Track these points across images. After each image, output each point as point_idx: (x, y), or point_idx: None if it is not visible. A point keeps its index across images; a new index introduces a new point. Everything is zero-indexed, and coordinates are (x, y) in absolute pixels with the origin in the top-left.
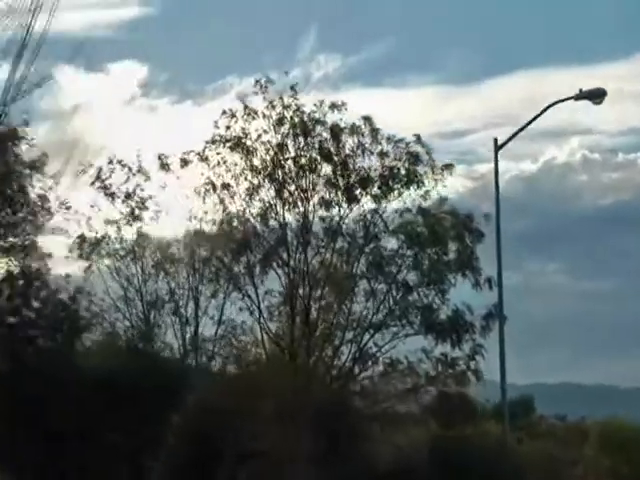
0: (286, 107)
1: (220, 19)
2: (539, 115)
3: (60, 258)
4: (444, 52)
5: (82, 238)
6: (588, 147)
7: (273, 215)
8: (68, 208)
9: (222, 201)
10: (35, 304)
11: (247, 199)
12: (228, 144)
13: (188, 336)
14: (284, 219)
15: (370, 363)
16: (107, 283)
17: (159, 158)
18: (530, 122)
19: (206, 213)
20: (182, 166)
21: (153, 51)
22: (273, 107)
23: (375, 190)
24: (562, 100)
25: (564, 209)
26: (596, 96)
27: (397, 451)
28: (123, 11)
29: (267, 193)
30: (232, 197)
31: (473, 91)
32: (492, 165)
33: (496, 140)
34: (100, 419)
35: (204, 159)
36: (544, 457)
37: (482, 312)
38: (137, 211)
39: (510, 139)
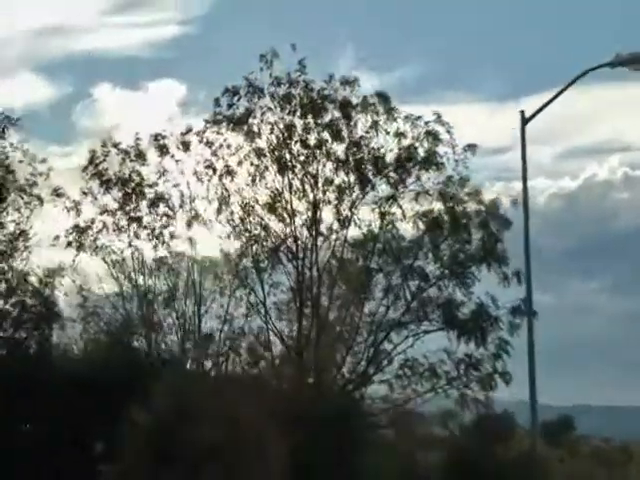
0: (293, 83)
1: (257, 38)
2: (570, 84)
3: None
4: (482, 69)
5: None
6: (629, 164)
7: (282, 204)
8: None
9: (224, 187)
10: None
11: (252, 184)
12: (230, 124)
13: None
14: (292, 208)
15: (386, 363)
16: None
17: (156, 139)
18: (561, 92)
19: (209, 202)
20: (181, 148)
21: (192, 70)
22: (279, 84)
23: (390, 173)
24: (595, 67)
25: (604, 227)
26: (634, 62)
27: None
28: (163, 30)
29: (274, 179)
30: (232, 179)
31: (513, 109)
32: (532, 182)
33: (523, 112)
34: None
35: (205, 141)
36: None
37: (509, 305)
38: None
39: (538, 112)
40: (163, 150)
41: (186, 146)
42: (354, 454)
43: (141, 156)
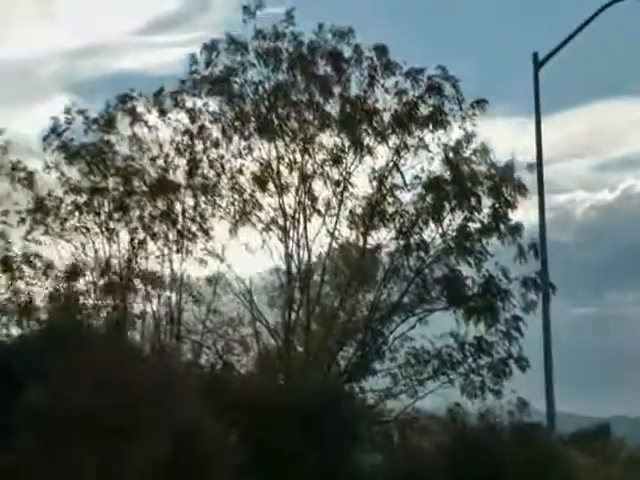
0: (280, 37)
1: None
2: (591, 20)
3: None
4: (518, 83)
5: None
6: None
7: (272, 177)
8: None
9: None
10: None
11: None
12: (208, 85)
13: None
14: (280, 181)
15: (386, 351)
16: None
17: (122, 100)
18: (576, 33)
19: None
20: (152, 111)
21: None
22: (264, 38)
23: (389, 134)
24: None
25: None
26: None
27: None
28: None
29: (261, 147)
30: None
31: (549, 122)
32: (570, 195)
33: (536, 55)
34: None
35: (180, 104)
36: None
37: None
38: None
39: (554, 53)
40: (133, 115)
41: (161, 111)
42: (336, 446)
43: (110, 124)
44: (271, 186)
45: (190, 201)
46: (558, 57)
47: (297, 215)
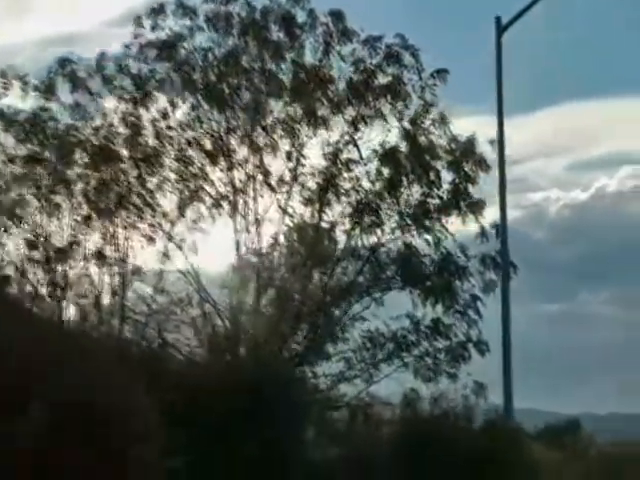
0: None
1: None
2: None
3: None
4: (492, 82)
5: None
6: (639, 176)
7: (222, 149)
8: None
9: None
10: None
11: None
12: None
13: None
14: (230, 154)
15: (340, 334)
16: None
17: (61, 65)
18: None
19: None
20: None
21: None
22: (215, 1)
23: (344, 103)
24: None
25: (615, 238)
26: None
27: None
28: None
29: (211, 117)
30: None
31: (523, 121)
32: (544, 194)
33: (499, 20)
34: None
35: (124, 70)
36: None
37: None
38: None
39: (516, 19)
40: (74, 81)
41: (104, 78)
42: (284, 431)
43: (50, 90)
44: (221, 160)
45: (134, 173)
46: (535, 55)
47: (248, 190)
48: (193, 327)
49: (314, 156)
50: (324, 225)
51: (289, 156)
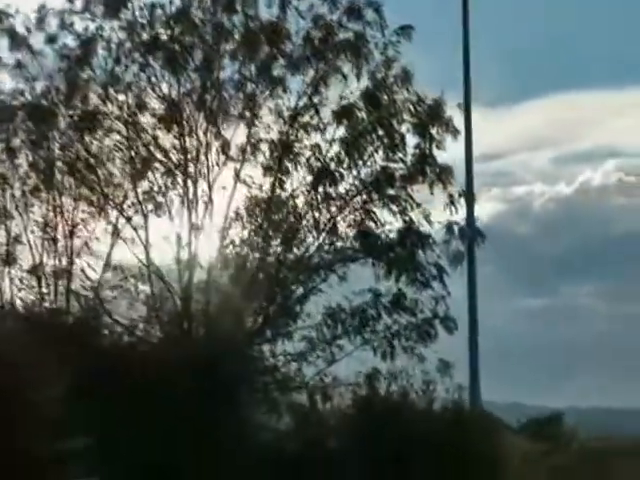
0: None
1: None
2: None
3: None
4: (477, 75)
5: None
6: (623, 169)
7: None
8: None
9: None
10: None
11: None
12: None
13: None
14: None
15: (299, 311)
16: None
17: None
18: None
19: None
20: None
21: None
22: None
23: (302, 62)
24: None
25: (599, 232)
26: None
27: None
28: None
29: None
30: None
31: (508, 114)
32: (528, 188)
33: None
34: None
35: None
36: None
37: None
38: None
39: None
40: (13, 37)
41: (49, 38)
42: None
43: None
44: (174, 126)
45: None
46: (521, 49)
47: (202, 158)
48: (145, 304)
49: (271, 121)
50: (283, 195)
51: (242, 116)
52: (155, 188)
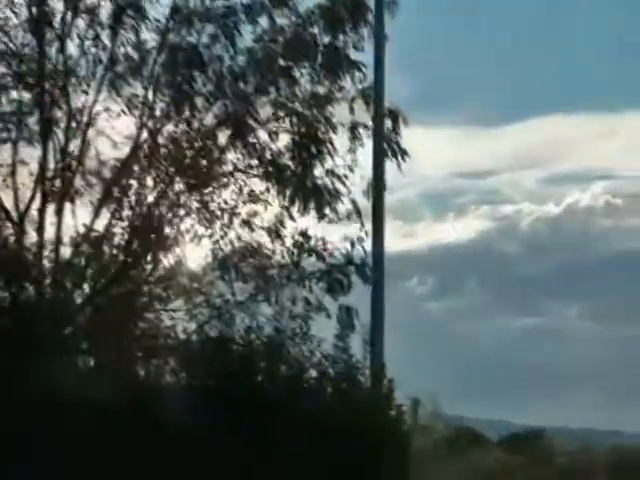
0: None
1: None
2: None
3: None
4: (468, 93)
5: None
6: (611, 192)
7: None
8: None
9: None
10: None
11: None
12: None
13: None
14: None
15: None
16: None
17: None
18: None
19: None
20: None
21: None
22: None
23: None
24: None
25: (587, 252)
26: None
27: None
28: None
29: None
30: None
31: (498, 133)
32: (516, 207)
33: None
34: None
35: None
36: None
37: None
38: None
39: None
40: None
41: None
42: None
43: None
44: None
45: None
46: (511, 69)
47: None
48: None
49: None
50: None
51: None
52: None
